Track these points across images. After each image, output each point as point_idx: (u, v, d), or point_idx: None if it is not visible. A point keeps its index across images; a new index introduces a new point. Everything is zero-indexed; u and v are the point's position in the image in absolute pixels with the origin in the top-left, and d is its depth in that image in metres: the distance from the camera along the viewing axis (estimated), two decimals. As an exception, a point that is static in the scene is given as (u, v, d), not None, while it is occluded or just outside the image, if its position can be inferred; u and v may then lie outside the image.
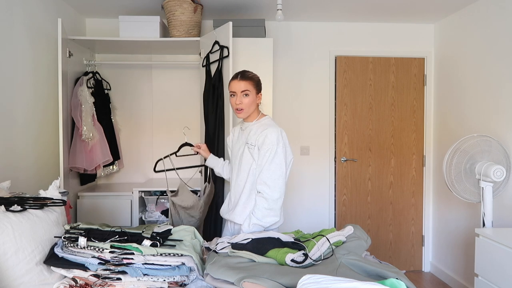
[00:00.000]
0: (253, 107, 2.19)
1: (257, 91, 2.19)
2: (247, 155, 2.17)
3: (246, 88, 2.14)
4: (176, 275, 1.67)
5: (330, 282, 1.24)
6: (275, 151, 2.08)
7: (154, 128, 3.91)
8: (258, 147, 2.12)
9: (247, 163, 2.17)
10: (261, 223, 2.09)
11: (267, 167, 2.08)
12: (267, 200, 2.08)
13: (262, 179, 2.09)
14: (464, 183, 2.76)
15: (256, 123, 2.21)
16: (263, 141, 2.09)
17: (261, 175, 2.09)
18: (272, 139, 2.08)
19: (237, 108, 2.17)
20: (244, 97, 2.14)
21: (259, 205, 2.09)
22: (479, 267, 2.49)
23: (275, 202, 2.09)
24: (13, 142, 2.55)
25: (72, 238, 1.70)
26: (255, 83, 2.18)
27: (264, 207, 2.08)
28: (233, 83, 2.18)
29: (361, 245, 1.93)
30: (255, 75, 2.22)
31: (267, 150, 2.08)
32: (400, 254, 4.05)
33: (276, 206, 2.10)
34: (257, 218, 2.08)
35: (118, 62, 3.79)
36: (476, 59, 3.29)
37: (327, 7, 3.47)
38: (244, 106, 2.15)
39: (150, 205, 3.49)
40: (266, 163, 2.08)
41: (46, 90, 2.96)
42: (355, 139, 3.99)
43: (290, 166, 2.19)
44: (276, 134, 2.09)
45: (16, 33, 2.59)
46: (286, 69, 3.92)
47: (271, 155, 2.08)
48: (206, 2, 3.28)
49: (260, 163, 2.11)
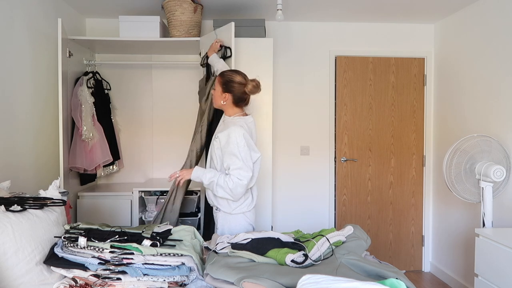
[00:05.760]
0: (219, 102, 2.34)
1: (223, 89, 2.31)
2: (212, 146, 2.35)
3: (215, 82, 2.36)
4: (176, 275, 1.67)
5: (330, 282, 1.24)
6: (236, 147, 2.20)
7: (154, 128, 3.90)
8: (220, 144, 2.25)
9: (211, 152, 2.35)
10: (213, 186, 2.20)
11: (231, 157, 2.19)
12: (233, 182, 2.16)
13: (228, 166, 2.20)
14: (464, 183, 2.76)
15: (229, 119, 2.35)
16: (225, 141, 2.23)
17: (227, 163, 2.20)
18: (232, 137, 2.21)
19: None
20: (213, 90, 2.38)
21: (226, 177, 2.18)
22: (479, 267, 2.49)
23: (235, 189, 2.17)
24: (13, 142, 2.55)
25: (72, 238, 1.70)
26: (222, 81, 2.31)
27: (228, 186, 2.17)
28: None
29: (361, 245, 1.94)
30: (228, 74, 2.32)
31: (228, 145, 2.21)
32: (400, 254, 4.05)
33: (234, 191, 2.18)
34: (217, 182, 2.18)
35: (118, 62, 3.79)
36: (476, 59, 3.29)
37: (327, 7, 3.47)
38: (213, 96, 2.41)
39: (150, 205, 3.49)
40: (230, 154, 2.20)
41: (46, 90, 2.96)
42: (355, 139, 3.99)
43: (258, 164, 2.30)
44: (234, 134, 2.21)
45: (16, 33, 2.59)
46: (286, 69, 3.92)
47: (232, 150, 2.19)
48: (206, 2, 3.28)
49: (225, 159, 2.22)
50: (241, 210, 2.31)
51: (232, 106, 2.34)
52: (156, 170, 3.90)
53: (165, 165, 3.88)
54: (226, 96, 2.30)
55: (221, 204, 2.31)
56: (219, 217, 2.34)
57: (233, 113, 2.34)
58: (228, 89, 2.29)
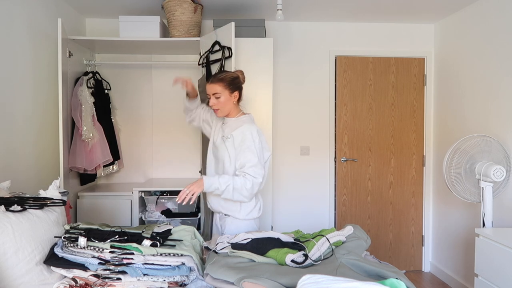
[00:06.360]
0: (229, 106, 2.24)
1: (231, 90, 2.22)
2: (222, 148, 2.24)
3: (216, 90, 2.20)
4: (176, 275, 1.67)
5: (330, 282, 1.24)
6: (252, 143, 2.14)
7: (154, 128, 3.90)
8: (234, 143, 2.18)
9: (223, 155, 2.24)
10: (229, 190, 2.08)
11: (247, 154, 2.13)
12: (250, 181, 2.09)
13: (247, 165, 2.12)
14: (464, 183, 2.76)
15: (236, 120, 2.27)
16: (241, 139, 2.16)
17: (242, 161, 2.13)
18: (247, 134, 2.16)
19: (213, 109, 2.26)
20: (217, 99, 2.21)
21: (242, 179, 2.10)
22: (479, 267, 2.49)
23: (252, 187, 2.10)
24: (13, 142, 2.55)
25: (72, 238, 1.70)
26: (226, 83, 2.21)
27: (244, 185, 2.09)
28: (207, 86, 2.25)
29: (361, 245, 1.94)
30: (228, 74, 2.25)
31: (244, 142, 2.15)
32: (400, 254, 4.05)
33: (250, 191, 2.11)
34: (234, 186, 2.08)
35: (118, 62, 3.79)
36: (476, 59, 3.29)
37: (327, 7, 3.47)
38: (218, 106, 2.23)
39: (150, 205, 3.49)
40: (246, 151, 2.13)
41: (46, 90, 2.96)
42: (355, 139, 3.99)
43: (268, 164, 2.26)
44: (250, 130, 2.17)
45: (16, 33, 2.59)
46: (286, 69, 3.92)
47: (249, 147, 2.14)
48: (206, 2, 3.28)
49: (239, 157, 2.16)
50: (253, 216, 2.26)
51: (237, 105, 2.30)
52: (156, 170, 3.90)
53: (165, 165, 3.88)
54: (236, 94, 2.25)
55: (231, 210, 2.23)
56: (227, 223, 2.26)
57: (237, 113, 2.29)
58: (236, 86, 2.25)
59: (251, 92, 3.17)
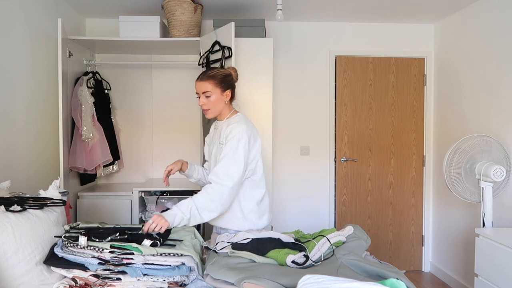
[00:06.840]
0: (220, 106, 2.09)
1: (222, 88, 2.07)
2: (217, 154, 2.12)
3: (206, 89, 2.05)
4: (176, 275, 1.67)
5: (330, 282, 1.23)
6: (236, 147, 2.00)
7: (154, 128, 3.91)
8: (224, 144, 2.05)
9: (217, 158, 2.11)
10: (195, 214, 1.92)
11: (225, 160, 1.99)
12: (214, 190, 1.95)
13: (215, 170, 2.00)
14: (464, 183, 2.76)
15: (226, 121, 2.12)
16: (226, 137, 2.04)
17: (217, 166, 2.00)
18: (234, 135, 2.01)
19: (203, 109, 2.11)
20: (207, 98, 2.06)
21: (203, 193, 1.96)
22: (479, 267, 2.49)
23: (220, 197, 1.95)
24: (13, 142, 2.55)
25: (72, 238, 1.69)
26: (217, 81, 2.06)
27: (208, 198, 1.95)
28: (196, 84, 2.10)
29: (361, 245, 1.93)
30: (219, 72, 2.08)
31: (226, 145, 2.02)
32: (400, 254, 4.05)
33: (219, 202, 1.96)
34: (196, 206, 1.93)
35: (118, 62, 3.79)
36: (476, 59, 3.29)
37: (327, 7, 3.47)
38: (209, 106, 2.07)
39: (150, 205, 3.49)
40: (225, 156, 2.00)
41: (46, 90, 2.96)
42: (355, 139, 3.99)
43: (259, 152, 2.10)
44: (238, 130, 2.01)
45: (16, 33, 2.59)
46: (286, 69, 3.92)
47: (231, 150, 2.00)
48: (206, 2, 3.28)
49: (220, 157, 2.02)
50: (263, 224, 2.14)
51: (229, 105, 2.14)
52: (156, 170, 3.90)
53: (165, 164, 3.86)
54: (228, 93, 2.10)
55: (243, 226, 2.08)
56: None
57: (229, 113, 2.14)
58: (228, 84, 2.10)
59: (251, 92, 3.17)
